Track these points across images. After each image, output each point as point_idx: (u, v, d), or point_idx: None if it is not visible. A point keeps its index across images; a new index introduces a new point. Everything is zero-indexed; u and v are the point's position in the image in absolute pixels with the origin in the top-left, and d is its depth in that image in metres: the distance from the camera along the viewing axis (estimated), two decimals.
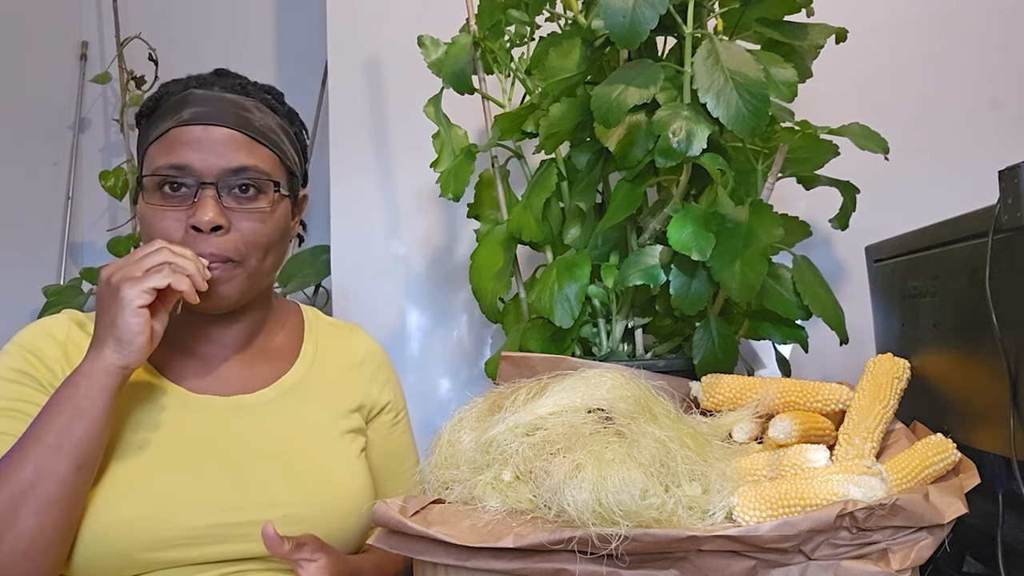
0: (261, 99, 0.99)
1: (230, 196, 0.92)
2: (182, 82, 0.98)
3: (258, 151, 0.95)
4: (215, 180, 0.91)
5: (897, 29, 1.47)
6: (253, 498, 0.91)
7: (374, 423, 1.07)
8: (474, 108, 1.31)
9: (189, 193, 0.91)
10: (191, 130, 0.92)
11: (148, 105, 0.97)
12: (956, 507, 0.72)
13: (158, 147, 0.93)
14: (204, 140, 0.92)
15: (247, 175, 0.93)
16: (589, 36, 1.11)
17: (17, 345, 0.94)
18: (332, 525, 0.93)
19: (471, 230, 1.38)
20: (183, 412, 0.93)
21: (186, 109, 0.93)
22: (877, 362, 0.90)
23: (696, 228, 1.02)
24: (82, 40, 2.20)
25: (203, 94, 0.95)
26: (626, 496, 0.68)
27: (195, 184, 0.91)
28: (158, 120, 0.95)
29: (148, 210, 0.92)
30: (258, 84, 1.02)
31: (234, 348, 1.00)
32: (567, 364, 0.97)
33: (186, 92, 0.95)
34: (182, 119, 0.92)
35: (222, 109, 0.94)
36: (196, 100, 0.94)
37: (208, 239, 0.90)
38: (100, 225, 2.18)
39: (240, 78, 1.01)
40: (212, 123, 0.92)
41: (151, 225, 0.92)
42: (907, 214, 1.08)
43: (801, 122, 1.14)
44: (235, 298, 0.95)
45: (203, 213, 0.89)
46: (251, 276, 0.95)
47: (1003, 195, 0.76)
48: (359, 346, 1.10)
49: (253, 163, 0.93)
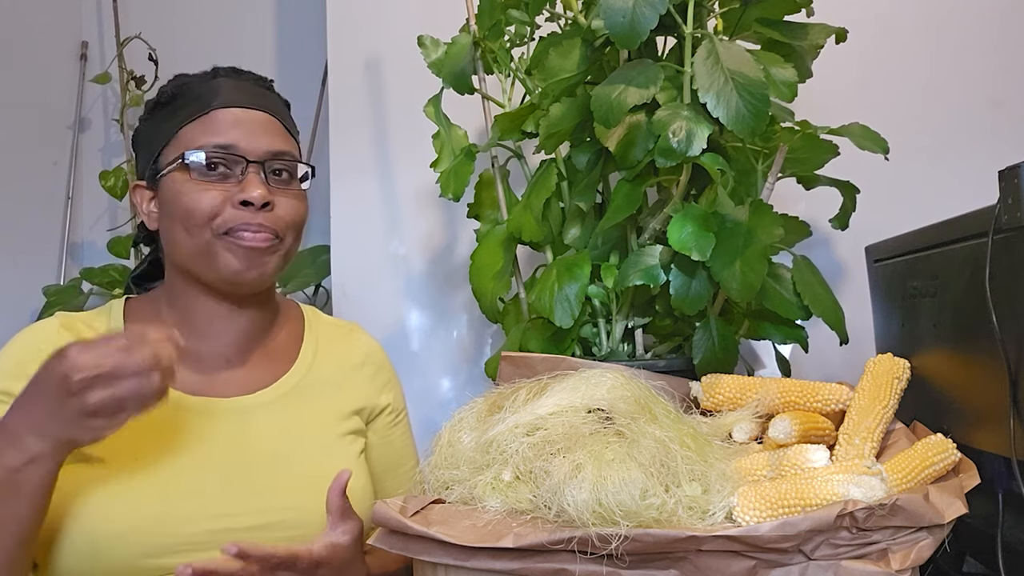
0: (275, 94, 1.02)
1: (271, 176, 0.95)
2: (205, 74, 0.99)
3: (288, 139, 0.99)
4: (261, 160, 0.94)
5: (897, 29, 1.47)
6: (252, 502, 0.90)
7: (374, 424, 1.07)
8: (474, 108, 1.31)
9: (232, 172, 0.93)
10: (232, 112, 0.94)
11: (167, 93, 0.98)
12: (956, 507, 0.72)
13: (198, 126, 0.94)
14: (247, 121, 0.95)
15: (285, 159, 0.96)
16: (589, 36, 1.11)
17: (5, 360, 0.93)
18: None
19: (471, 230, 1.38)
20: (180, 415, 0.92)
21: (222, 92, 0.95)
22: (877, 362, 0.90)
23: (696, 228, 1.02)
24: (82, 40, 2.20)
25: (233, 82, 0.97)
26: (626, 496, 0.68)
27: (241, 162, 0.93)
28: (186, 104, 0.95)
29: (187, 186, 0.92)
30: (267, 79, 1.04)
31: (233, 347, 0.99)
32: (567, 364, 0.97)
33: (215, 80, 0.97)
34: (222, 100, 0.94)
35: (256, 96, 0.97)
36: (230, 87, 0.96)
37: (257, 213, 0.93)
38: (100, 225, 2.18)
39: (254, 74, 1.02)
40: (251, 107, 0.96)
41: (190, 200, 0.92)
42: (907, 214, 1.08)
43: (801, 122, 1.14)
44: (270, 277, 0.97)
45: (253, 188, 0.92)
46: (285, 256, 0.98)
47: (1003, 195, 0.76)
48: (359, 347, 1.09)
49: (289, 148, 0.98)
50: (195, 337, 0.97)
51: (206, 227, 0.92)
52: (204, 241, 0.92)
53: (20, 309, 1.98)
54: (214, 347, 0.98)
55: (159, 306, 0.99)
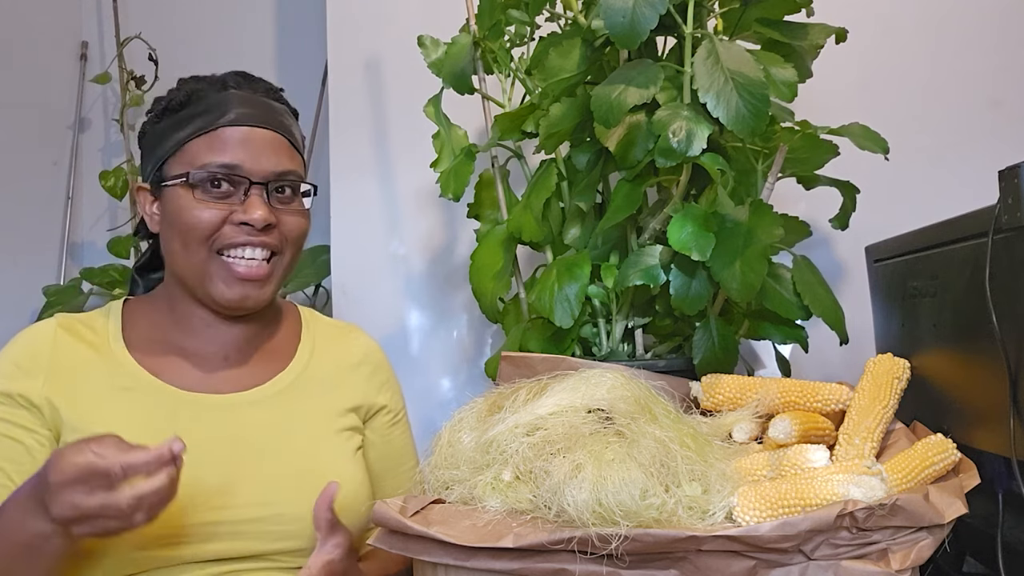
0: (285, 103, 1.02)
1: (274, 195, 0.96)
2: (215, 80, 0.98)
3: (294, 156, 0.99)
4: (264, 181, 0.94)
5: (897, 29, 1.47)
6: (246, 496, 0.90)
7: (372, 424, 1.07)
8: (474, 108, 1.31)
9: (235, 191, 0.94)
10: (240, 130, 0.94)
11: (178, 99, 0.97)
12: (956, 507, 0.72)
13: (204, 143, 0.94)
14: (252, 141, 0.94)
15: (290, 178, 0.97)
16: (589, 36, 1.11)
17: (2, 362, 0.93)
18: None
19: (471, 230, 1.38)
20: (176, 411, 0.93)
21: (231, 108, 0.95)
22: (877, 362, 0.90)
23: (696, 228, 1.02)
24: (82, 40, 2.20)
25: (244, 95, 0.96)
26: (626, 496, 0.68)
27: (245, 183, 0.93)
28: (196, 116, 0.95)
29: (189, 202, 0.93)
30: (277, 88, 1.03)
31: (232, 348, 1.00)
32: (567, 364, 0.97)
33: (226, 92, 0.96)
34: (230, 119, 0.94)
35: (266, 112, 0.97)
36: (239, 100, 0.95)
37: (258, 234, 0.94)
38: (100, 225, 2.18)
39: (265, 82, 1.02)
40: (259, 125, 0.95)
41: (191, 216, 0.93)
42: (907, 214, 1.08)
43: (801, 122, 1.14)
44: (271, 295, 0.98)
45: (255, 210, 0.93)
46: (285, 270, 0.99)
47: (1003, 195, 0.76)
48: (356, 346, 1.10)
49: (293, 167, 0.98)
50: (193, 338, 0.98)
51: (204, 244, 0.93)
52: (200, 259, 0.93)
53: (20, 309, 1.98)
54: (212, 348, 0.99)
55: (158, 307, 1.00)
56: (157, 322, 0.99)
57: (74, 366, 0.92)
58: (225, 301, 0.95)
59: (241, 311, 0.97)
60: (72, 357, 0.93)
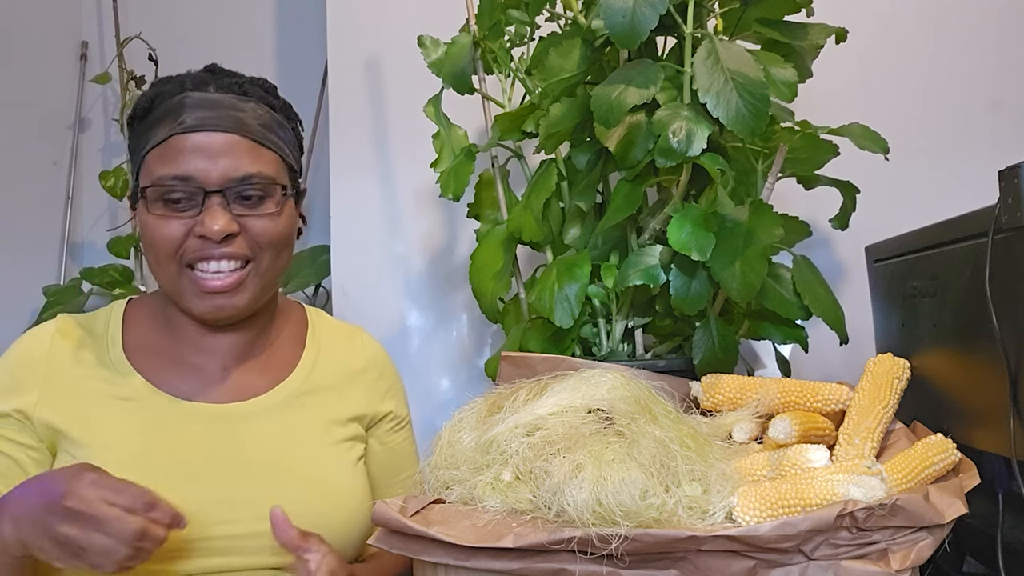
0: (258, 97, 0.95)
1: (236, 202, 0.90)
2: (176, 82, 0.93)
3: (261, 155, 0.92)
4: (221, 188, 0.89)
5: (897, 29, 1.47)
6: (246, 509, 0.89)
7: (375, 431, 1.06)
8: (474, 108, 1.31)
9: (194, 202, 0.89)
10: (192, 137, 0.89)
11: (142, 106, 0.93)
12: (956, 507, 0.72)
13: (158, 155, 0.90)
14: (206, 147, 0.89)
15: (252, 182, 0.90)
16: (589, 36, 1.11)
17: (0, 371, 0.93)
18: (329, 534, 0.90)
19: (471, 230, 1.38)
20: (175, 422, 0.91)
21: (185, 114, 0.89)
22: (877, 362, 0.90)
23: (696, 228, 1.02)
24: (82, 40, 2.20)
25: (201, 97, 0.91)
26: (626, 496, 0.68)
27: (200, 193, 0.88)
28: (154, 124, 0.91)
29: (150, 218, 0.90)
30: (252, 79, 0.98)
31: (231, 356, 0.98)
32: (567, 364, 0.97)
33: (182, 95, 0.91)
34: (182, 126, 0.89)
35: (222, 113, 0.90)
36: (194, 104, 0.90)
37: (218, 246, 0.89)
38: (100, 225, 2.18)
39: (235, 75, 0.96)
40: (213, 129, 0.89)
41: (154, 233, 0.90)
42: (907, 214, 1.08)
43: (801, 122, 1.14)
44: (249, 304, 0.93)
45: (212, 222, 0.88)
46: (263, 276, 0.93)
47: (1003, 195, 0.76)
48: (362, 352, 1.07)
49: (257, 169, 0.91)
50: (190, 348, 0.97)
51: (172, 259, 0.90)
52: (172, 274, 0.91)
53: (20, 309, 1.98)
54: (209, 357, 0.97)
55: (160, 309, 0.98)
56: (156, 328, 0.97)
57: (71, 375, 0.91)
58: (199, 314, 0.92)
59: (222, 322, 0.94)
60: (69, 366, 0.92)
